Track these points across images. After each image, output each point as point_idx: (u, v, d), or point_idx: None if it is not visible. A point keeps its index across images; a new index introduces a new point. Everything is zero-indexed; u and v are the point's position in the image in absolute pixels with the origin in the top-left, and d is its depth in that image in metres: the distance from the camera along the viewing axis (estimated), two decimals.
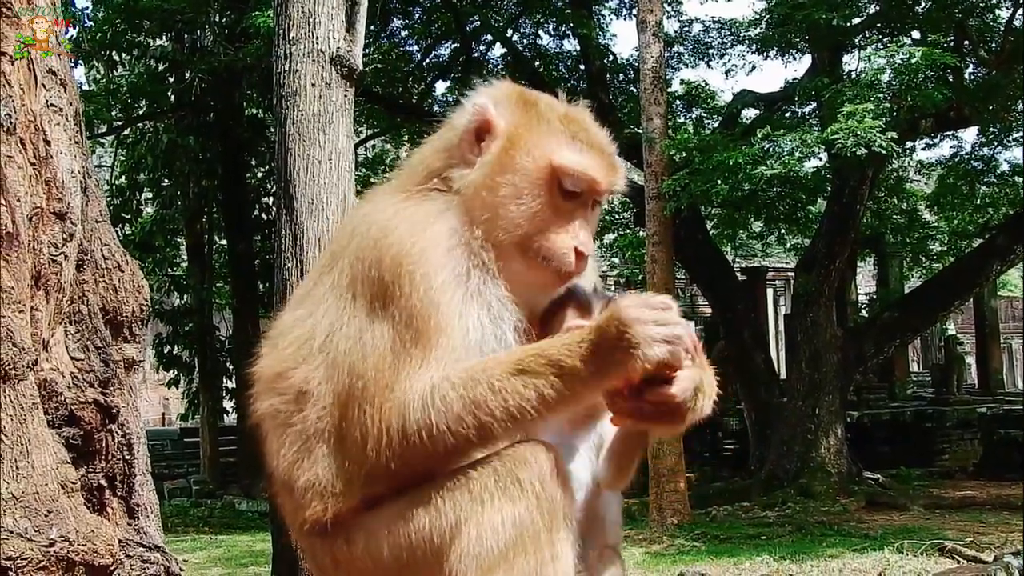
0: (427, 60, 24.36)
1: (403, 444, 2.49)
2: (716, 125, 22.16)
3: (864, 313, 28.96)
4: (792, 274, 26.49)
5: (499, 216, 2.73)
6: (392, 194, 2.84)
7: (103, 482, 3.50)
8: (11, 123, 3.16)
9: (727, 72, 25.39)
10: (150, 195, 24.84)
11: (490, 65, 23.72)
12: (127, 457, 3.55)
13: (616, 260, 32.33)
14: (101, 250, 3.69)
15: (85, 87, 21.83)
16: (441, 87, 25.19)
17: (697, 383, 2.55)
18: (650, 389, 2.48)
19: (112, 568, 3.29)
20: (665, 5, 21.52)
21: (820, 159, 19.94)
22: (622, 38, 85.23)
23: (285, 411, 2.70)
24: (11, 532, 2.96)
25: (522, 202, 2.73)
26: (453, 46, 24.13)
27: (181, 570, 3.66)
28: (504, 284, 2.69)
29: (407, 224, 2.67)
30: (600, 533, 2.85)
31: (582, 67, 23.45)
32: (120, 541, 3.36)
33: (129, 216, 23.64)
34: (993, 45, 19.79)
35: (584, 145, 2.79)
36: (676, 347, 2.43)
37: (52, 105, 3.41)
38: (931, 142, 24.75)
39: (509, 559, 2.48)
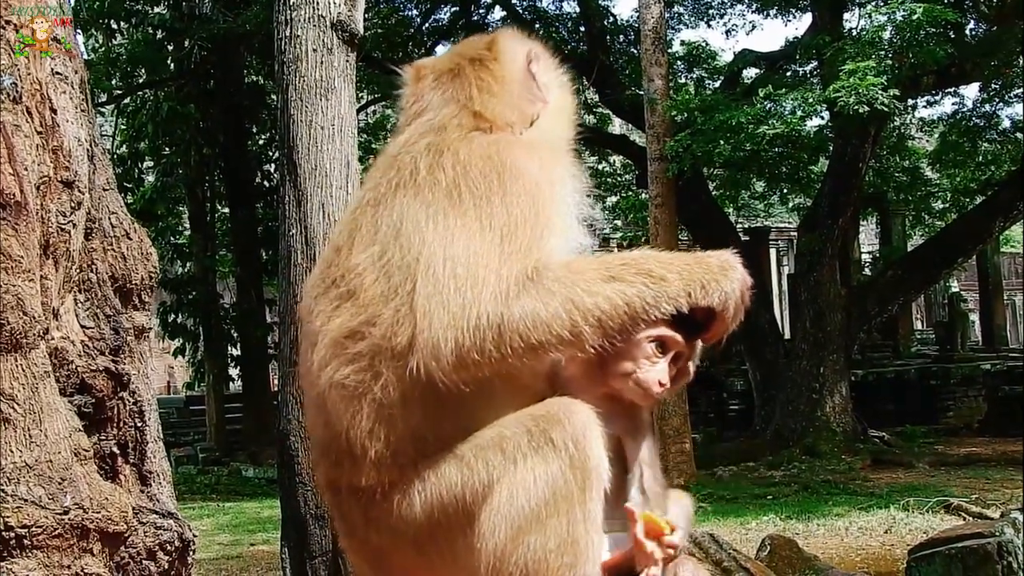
0: (426, 24, 24.25)
1: (500, 333, 2.43)
2: (717, 85, 22.08)
3: (867, 272, 28.92)
4: (795, 234, 26.44)
5: (564, 138, 3.02)
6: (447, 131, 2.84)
7: (115, 449, 3.50)
8: (17, 92, 3.15)
9: (727, 32, 25.28)
10: (151, 164, 24.78)
11: (490, 28, 23.58)
12: (139, 424, 3.55)
13: (619, 223, 32.25)
14: (109, 218, 3.68)
15: (84, 56, 21.68)
16: (441, 51, 25.09)
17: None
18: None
19: (126, 535, 3.30)
20: None
21: (822, 118, 19.91)
22: None
23: (360, 381, 2.58)
24: (25, 500, 2.97)
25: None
26: (452, 10, 24.03)
27: (195, 536, 3.68)
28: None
29: (505, 139, 2.80)
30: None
31: (582, 29, 23.32)
32: (133, 508, 3.37)
33: (131, 185, 23.54)
34: (994, 0, 19.67)
35: None
36: (740, 311, 2.67)
37: (57, 73, 3.39)
38: (933, 99, 24.69)
39: (541, 519, 2.47)
